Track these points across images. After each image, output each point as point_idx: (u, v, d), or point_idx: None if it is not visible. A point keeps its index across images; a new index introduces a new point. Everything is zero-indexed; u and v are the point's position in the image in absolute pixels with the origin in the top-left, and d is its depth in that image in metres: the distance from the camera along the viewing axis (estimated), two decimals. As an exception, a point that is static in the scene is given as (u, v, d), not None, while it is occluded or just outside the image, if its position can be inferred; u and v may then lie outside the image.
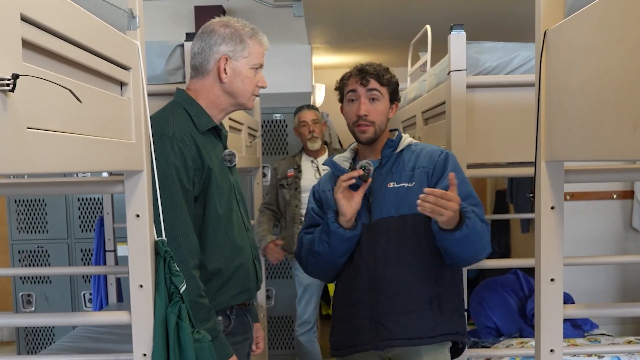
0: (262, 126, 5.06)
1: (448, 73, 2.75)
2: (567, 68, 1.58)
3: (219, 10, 5.83)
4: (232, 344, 2.16)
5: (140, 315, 1.76)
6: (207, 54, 2.19)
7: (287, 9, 6.11)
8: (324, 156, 4.53)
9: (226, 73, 2.19)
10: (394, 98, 2.46)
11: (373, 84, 2.39)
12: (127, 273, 1.77)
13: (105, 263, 4.54)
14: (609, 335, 3.82)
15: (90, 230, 5.27)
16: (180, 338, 1.74)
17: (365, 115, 2.38)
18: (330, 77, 7.49)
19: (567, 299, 3.78)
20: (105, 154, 1.47)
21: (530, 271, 3.62)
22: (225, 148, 2.31)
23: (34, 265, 5.36)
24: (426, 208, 2.06)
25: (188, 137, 2.11)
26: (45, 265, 5.33)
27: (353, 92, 2.42)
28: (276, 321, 5.45)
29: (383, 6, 4.88)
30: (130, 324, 1.78)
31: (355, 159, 2.51)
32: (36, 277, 5.35)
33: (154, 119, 2.06)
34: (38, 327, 5.42)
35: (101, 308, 4.54)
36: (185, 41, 2.63)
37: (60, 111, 1.21)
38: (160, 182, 1.86)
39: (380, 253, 2.34)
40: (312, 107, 4.62)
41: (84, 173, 4.26)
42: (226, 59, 2.18)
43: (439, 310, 2.33)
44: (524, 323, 3.82)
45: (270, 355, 5.21)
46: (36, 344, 5.45)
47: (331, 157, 2.53)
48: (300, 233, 2.54)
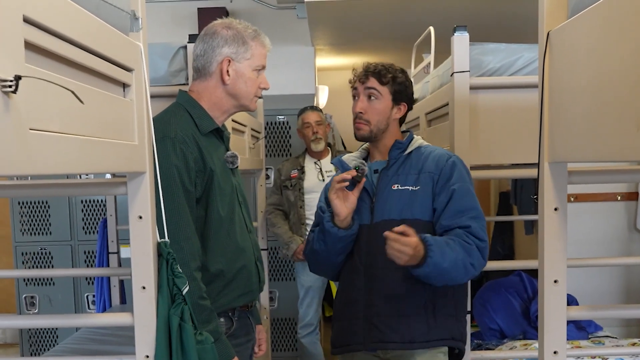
0: (266, 128, 5.07)
1: (451, 74, 2.75)
2: (571, 69, 1.57)
3: (222, 11, 5.83)
4: (234, 346, 2.16)
5: (142, 316, 1.76)
6: (210, 56, 2.19)
7: (291, 11, 6.11)
8: (327, 158, 4.53)
9: (229, 75, 2.19)
10: (399, 98, 2.44)
11: (372, 83, 2.40)
12: (130, 275, 1.77)
13: (108, 265, 4.54)
14: (613, 337, 3.82)
15: (93, 232, 5.27)
16: (182, 340, 1.74)
17: (360, 113, 2.40)
18: (333, 79, 7.52)
19: (571, 301, 3.77)
20: (107, 156, 1.47)
21: (534, 273, 3.61)
22: (227, 150, 2.31)
23: (38, 267, 5.36)
24: (389, 246, 2.14)
25: (190, 139, 2.10)
26: (48, 267, 5.34)
27: (355, 90, 2.46)
28: (279, 323, 5.45)
29: (386, 8, 4.87)
30: (133, 326, 1.78)
31: (366, 159, 2.51)
32: (39, 279, 5.36)
33: (156, 121, 2.06)
34: (41, 329, 5.42)
35: (104, 310, 4.54)
36: (188, 43, 2.63)
37: (62, 112, 1.21)
38: (162, 184, 1.86)
39: (377, 254, 2.34)
40: (316, 109, 4.63)
41: (87, 175, 4.26)
42: (229, 61, 2.18)
43: (434, 315, 2.33)
44: (528, 325, 3.82)
45: (273, 357, 5.20)
46: (39, 346, 5.45)
47: (339, 157, 2.53)
48: (309, 231, 2.56)
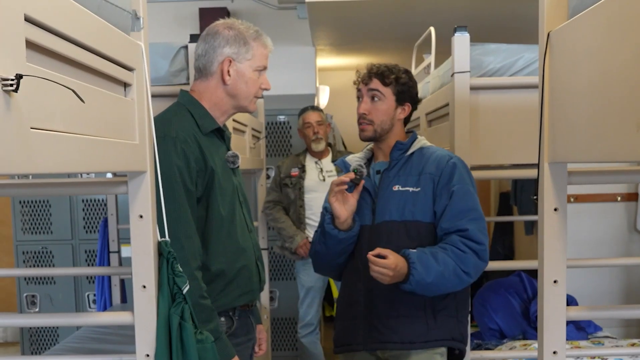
0: (266, 128, 5.07)
1: (452, 75, 2.75)
2: (571, 69, 1.58)
3: (224, 12, 5.83)
4: (235, 345, 2.16)
5: (143, 315, 1.77)
6: (211, 56, 2.19)
7: (292, 11, 6.11)
8: (328, 158, 4.53)
9: (230, 75, 2.19)
10: (403, 99, 2.44)
11: (374, 84, 2.41)
12: (131, 274, 1.77)
13: (109, 264, 4.54)
14: (613, 337, 3.81)
15: (94, 231, 5.28)
16: (183, 339, 1.74)
17: (364, 114, 2.41)
18: (334, 79, 7.53)
19: (571, 301, 3.77)
20: (108, 155, 1.47)
21: (534, 273, 3.61)
22: (228, 149, 2.31)
23: (39, 266, 5.36)
24: (372, 269, 2.19)
25: (191, 139, 2.11)
26: (49, 266, 5.34)
27: (359, 91, 2.47)
28: (279, 323, 5.45)
29: (387, 8, 4.87)
30: (133, 325, 1.78)
31: (371, 160, 2.52)
32: (40, 278, 5.36)
33: (157, 120, 2.06)
34: (42, 328, 5.43)
35: (105, 309, 4.54)
36: (189, 43, 2.63)
37: (63, 112, 1.22)
38: (163, 184, 1.87)
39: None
40: (317, 109, 4.63)
41: (88, 174, 4.26)
42: (230, 61, 2.18)
43: (433, 316, 2.33)
44: (528, 325, 3.82)
45: (273, 356, 5.20)
46: (40, 345, 5.46)
47: (343, 158, 2.54)
48: (315, 231, 2.57)
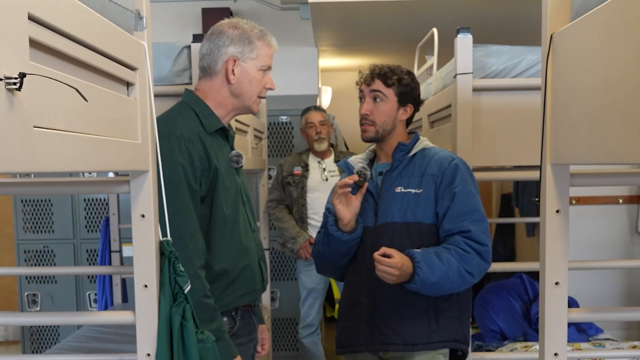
0: (268, 128, 5.07)
1: (454, 76, 2.75)
2: (574, 71, 1.57)
3: (226, 12, 5.84)
4: (237, 345, 2.16)
5: (144, 315, 1.77)
6: (216, 55, 2.19)
7: (294, 12, 6.12)
8: (330, 158, 4.54)
9: (234, 74, 2.19)
10: (405, 100, 2.45)
11: (377, 85, 2.41)
12: (132, 273, 1.77)
13: (110, 263, 4.54)
14: (614, 339, 3.82)
15: (95, 230, 5.28)
16: (184, 338, 1.74)
17: (366, 114, 2.41)
18: (336, 80, 7.53)
19: (572, 303, 3.77)
20: (111, 154, 1.47)
21: (535, 275, 3.61)
22: (232, 149, 2.31)
23: (40, 265, 5.37)
24: (378, 268, 2.18)
25: (196, 138, 2.11)
26: (50, 265, 5.34)
27: (361, 92, 2.47)
28: (280, 323, 5.45)
29: (390, 9, 4.87)
30: (134, 324, 1.78)
31: (373, 161, 2.52)
32: (42, 277, 5.36)
33: (162, 119, 2.07)
34: (43, 327, 5.43)
35: (106, 308, 4.54)
36: (192, 43, 2.64)
37: (66, 110, 1.22)
38: (167, 182, 1.87)
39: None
40: (320, 109, 4.63)
41: (90, 173, 4.27)
42: (234, 61, 2.18)
43: (436, 317, 2.33)
44: (529, 327, 3.82)
45: (274, 357, 5.20)
46: (41, 344, 5.46)
47: (346, 159, 2.54)
48: (317, 233, 2.57)
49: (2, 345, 6.45)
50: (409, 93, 2.45)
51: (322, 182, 4.40)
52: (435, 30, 3.97)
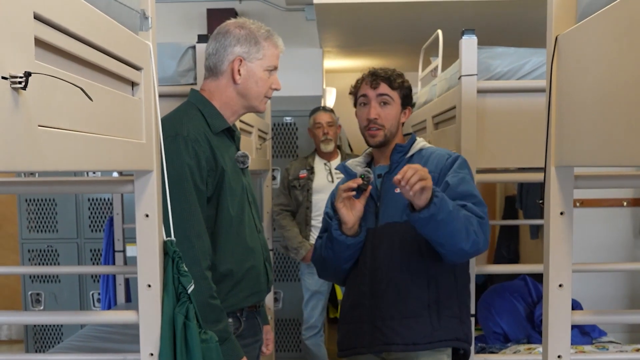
0: (273, 129, 5.07)
1: (459, 78, 2.75)
2: (579, 73, 1.57)
3: (231, 12, 5.84)
4: (242, 346, 2.16)
5: (148, 314, 1.77)
6: (222, 55, 2.19)
7: (299, 13, 6.12)
8: (337, 159, 4.54)
9: (240, 74, 2.19)
10: (406, 103, 2.45)
11: (383, 88, 2.40)
12: (136, 273, 1.77)
13: (114, 263, 4.55)
14: (617, 342, 3.80)
15: (99, 230, 5.29)
16: (187, 338, 1.74)
17: (375, 119, 2.39)
18: (341, 81, 7.51)
19: (576, 306, 3.76)
20: (115, 154, 1.48)
21: (538, 277, 3.61)
22: (238, 149, 2.31)
23: (44, 264, 5.38)
24: (411, 182, 2.04)
25: (202, 138, 2.11)
26: (54, 264, 5.35)
27: (364, 97, 2.43)
28: (284, 324, 5.45)
29: (395, 11, 4.87)
30: (137, 324, 1.79)
31: (370, 164, 2.51)
32: (45, 276, 5.37)
33: (168, 119, 2.07)
34: (46, 326, 5.44)
35: (109, 308, 4.55)
36: (197, 43, 2.64)
37: (71, 110, 1.22)
38: (173, 182, 1.87)
39: (381, 258, 2.35)
40: (328, 110, 4.64)
41: (94, 172, 4.28)
42: (240, 61, 2.18)
43: (437, 316, 2.33)
44: (532, 329, 3.81)
45: (277, 357, 5.21)
46: (44, 343, 5.47)
47: (344, 162, 2.53)
48: (316, 238, 2.56)
49: (6, 344, 6.46)
50: (409, 96, 2.46)
51: (328, 184, 4.41)
52: (440, 31, 3.96)
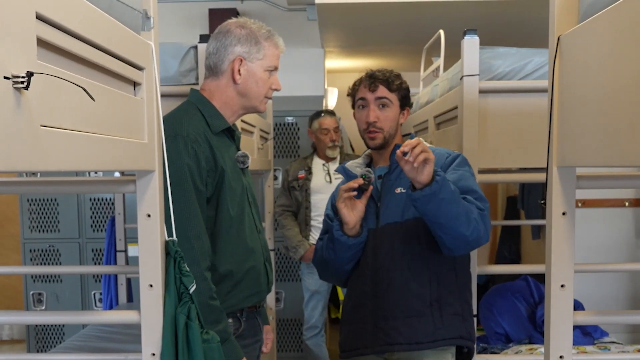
0: (274, 129, 5.07)
1: (461, 78, 2.75)
2: (581, 74, 1.57)
3: (233, 13, 5.84)
4: (242, 347, 2.16)
5: (149, 314, 1.77)
6: (222, 54, 2.19)
7: (301, 13, 6.12)
8: (336, 160, 4.54)
9: (240, 74, 2.19)
10: (405, 104, 2.45)
11: (382, 91, 2.39)
12: (138, 273, 1.77)
13: (115, 263, 4.55)
14: (619, 343, 3.80)
15: (101, 230, 5.29)
16: (189, 338, 1.74)
17: (374, 121, 2.38)
18: (343, 81, 7.48)
19: (578, 306, 3.76)
20: (117, 153, 1.48)
21: (540, 278, 3.60)
22: (238, 149, 2.31)
23: (45, 264, 5.38)
24: (415, 152, 2.04)
25: (202, 138, 2.10)
26: (56, 264, 5.35)
27: (363, 100, 2.43)
28: (285, 324, 5.45)
29: (397, 11, 4.87)
30: (139, 324, 1.79)
31: (369, 165, 2.51)
32: (47, 276, 5.37)
33: (168, 119, 2.06)
34: (48, 326, 5.44)
35: (111, 308, 4.55)
36: (199, 43, 2.64)
37: (73, 110, 1.22)
38: (173, 183, 1.87)
39: (382, 258, 2.35)
40: (333, 114, 4.64)
41: (96, 172, 4.28)
42: (240, 60, 2.18)
43: (440, 314, 2.32)
44: (534, 329, 3.81)
45: (278, 357, 5.20)
46: (46, 343, 5.47)
47: (343, 164, 2.52)
48: (317, 240, 2.56)
49: (8, 344, 6.47)
50: (407, 96, 2.46)
51: (326, 185, 4.42)
52: (442, 31, 3.96)
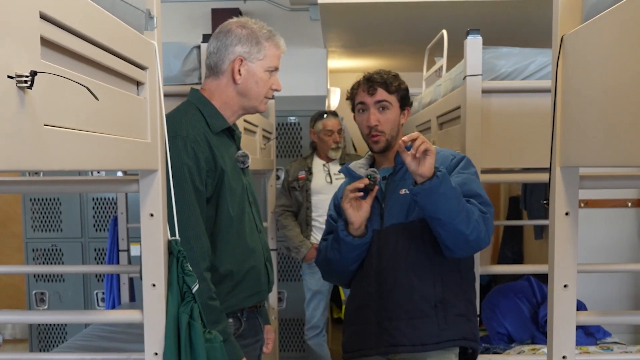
0: (277, 129, 5.07)
1: (464, 78, 2.75)
2: (584, 74, 1.57)
3: (236, 12, 5.85)
4: (243, 347, 2.16)
5: (152, 314, 1.77)
6: (223, 54, 2.19)
7: (304, 12, 6.12)
8: (337, 160, 4.54)
9: (240, 74, 2.18)
10: (405, 104, 2.44)
11: (381, 94, 2.38)
12: (140, 272, 1.77)
13: (118, 262, 4.55)
14: (622, 343, 3.80)
15: (104, 229, 5.30)
16: (191, 338, 1.74)
17: (375, 125, 2.38)
18: (345, 81, 7.48)
19: (580, 307, 3.76)
20: (120, 153, 1.48)
21: (543, 278, 3.61)
22: (238, 149, 2.30)
23: (48, 263, 5.39)
24: (416, 143, 2.09)
25: (201, 138, 2.10)
26: (58, 263, 5.36)
27: (362, 104, 2.42)
28: (287, 324, 5.45)
29: (399, 11, 4.87)
30: (142, 323, 1.79)
31: (373, 166, 2.51)
32: (50, 276, 5.38)
33: (168, 119, 2.05)
34: (51, 325, 5.45)
35: (114, 307, 4.55)
36: (202, 43, 2.64)
37: (77, 109, 1.22)
38: (173, 183, 1.86)
39: (387, 259, 2.35)
40: (336, 115, 4.63)
41: (99, 172, 4.28)
42: (241, 60, 2.17)
43: (444, 315, 2.32)
44: (536, 330, 3.80)
45: (280, 357, 5.20)
46: (49, 342, 5.48)
47: (347, 164, 2.51)
48: (320, 240, 2.56)
49: (10, 343, 6.47)
50: (406, 97, 2.45)
51: (327, 185, 4.41)
52: (444, 31, 3.96)
